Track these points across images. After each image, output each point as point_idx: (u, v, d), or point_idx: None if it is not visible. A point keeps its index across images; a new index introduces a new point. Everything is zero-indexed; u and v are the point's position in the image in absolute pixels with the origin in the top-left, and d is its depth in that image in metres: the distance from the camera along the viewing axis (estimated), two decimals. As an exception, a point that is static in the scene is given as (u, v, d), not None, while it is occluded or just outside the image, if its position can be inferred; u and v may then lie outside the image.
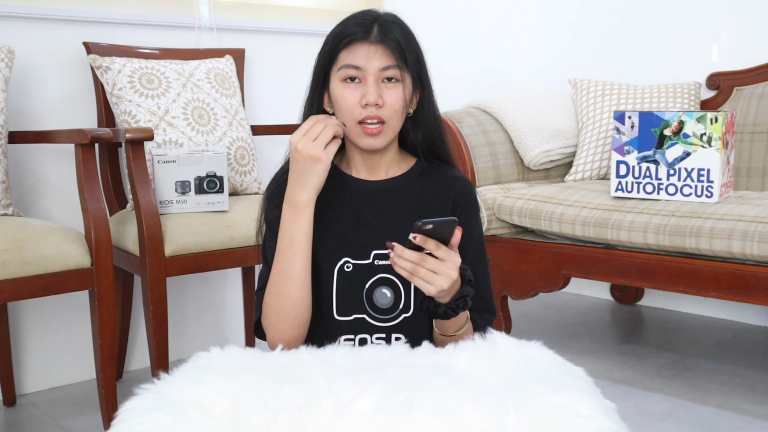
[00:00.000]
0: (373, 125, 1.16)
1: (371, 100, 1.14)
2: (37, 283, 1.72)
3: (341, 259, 1.21)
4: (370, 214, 1.23)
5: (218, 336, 2.61)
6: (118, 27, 2.35)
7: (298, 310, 1.17)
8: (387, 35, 1.16)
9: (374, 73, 1.15)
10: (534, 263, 2.30)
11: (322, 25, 2.79)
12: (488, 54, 3.32)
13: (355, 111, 1.16)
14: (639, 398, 2.05)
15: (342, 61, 1.17)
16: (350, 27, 1.17)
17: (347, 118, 1.17)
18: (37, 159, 2.23)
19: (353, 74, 1.16)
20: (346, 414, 0.82)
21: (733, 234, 1.85)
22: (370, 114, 1.15)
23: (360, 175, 1.26)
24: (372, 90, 1.15)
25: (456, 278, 1.07)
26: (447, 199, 1.25)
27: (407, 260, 1.06)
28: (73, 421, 2.03)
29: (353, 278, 1.21)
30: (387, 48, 1.16)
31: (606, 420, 0.84)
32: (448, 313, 1.12)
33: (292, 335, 1.18)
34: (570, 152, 2.62)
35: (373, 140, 1.18)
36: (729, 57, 2.66)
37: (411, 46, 1.18)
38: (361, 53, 1.15)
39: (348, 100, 1.16)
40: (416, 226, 1.02)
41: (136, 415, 0.86)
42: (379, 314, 1.21)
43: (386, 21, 1.18)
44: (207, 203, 2.02)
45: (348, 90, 1.16)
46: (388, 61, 1.16)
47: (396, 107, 1.17)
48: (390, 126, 1.18)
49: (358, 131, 1.17)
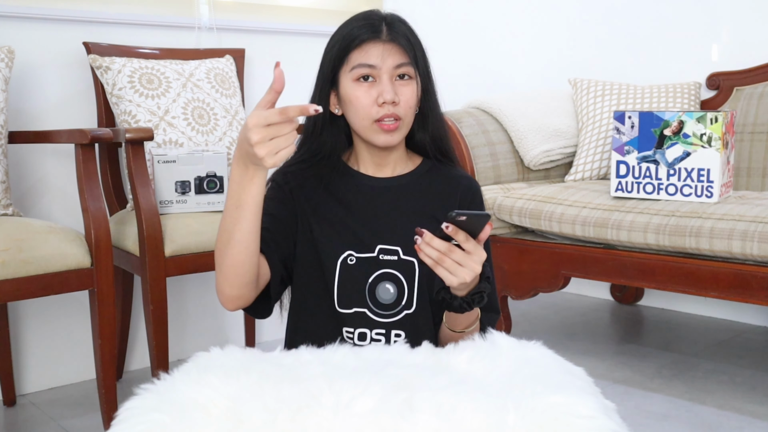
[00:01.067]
0: (390, 122, 1.17)
1: (388, 98, 1.16)
2: (37, 283, 1.72)
3: (345, 251, 1.22)
4: (377, 210, 1.25)
5: (218, 336, 2.61)
6: (118, 27, 2.35)
7: (238, 272, 1.11)
8: (397, 33, 1.18)
9: (388, 71, 1.17)
10: (534, 263, 2.30)
11: (322, 25, 2.79)
12: (488, 54, 3.32)
13: (372, 110, 1.17)
14: (639, 398, 2.05)
15: (354, 61, 1.18)
16: (358, 28, 1.18)
17: (362, 117, 1.18)
18: (37, 159, 2.23)
19: (367, 73, 1.17)
20: (346, 414, 0.82)
21: (733, 234, 1.85)
22: (387, 112, 1.17)
23: (368, 172, 1.27)
24: (388, 88, 1.16)
25: (479, 272, 1.07)
26: (453, 197, 1.27)
27: (435, 249, 1.05)
28: (73, 421, 2.03)
29: (356, 271, 1.22)
30: (399, 46, 1.18)
31: (606, 420, 0.84)
32: (463, 306, 1.12)
33: (232, 293, 1.14)
34: (570, 152, 2.62)
35: (390, 137, 1.19)
36: (729, 57, 2.66)
37: (418, 44, 1.21)
38: (374, 52, 1.17)
39: (362, 100, 1.17)
40: (450, 216, 1.01)
41: (136, 415, 0.86)
42: (380, 309, 1.22)
43: (393, 20, 1.20)
44: (207, 203, 2.02)
45: (362, 89, 1.18)
46: (401, 59, 1.18)
47: (411, 103, 1.19)
48: (405, 122, 1.20)
49: (375, 129, 1.18)
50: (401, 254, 1.22)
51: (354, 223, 1.24)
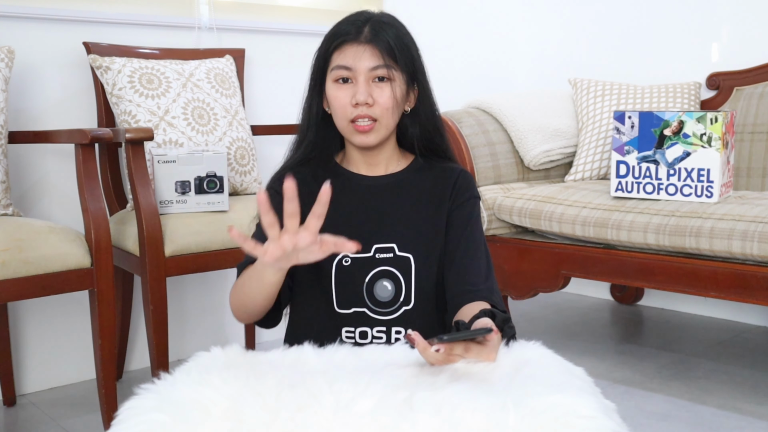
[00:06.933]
0: (363, 123, 1.19)
1: (361, 99, 1.17)
2: (37, 283, 1.72)
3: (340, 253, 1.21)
4: (372, 209, 1.25)
5: (218, 336, 2.61)
6: (118, 27, 2.35)
7: (253, 312, 1.17)
8: (377, 35, 1.18)
9: (364, 73, 1.18)
10: (534, 263, 2.30)
11: (322, 25, 2.77)
12: (488, 54, 3.32)
13: (347, 110, 1.19)
14: (639, 398, 2.05)
15: (334, 62, 1.20)
16: (342, 28, 1.21)
17: (341, 117, 1.21)
18: (37, 159, 2.23)
19: (344, 75, 1.19)
20: (346, 414, 0.82)
21: (733, 234, 1.85)
22: (361, 113, 1.19)
23: (360, 171, 1.28)
24: (362, 89, 1.18)
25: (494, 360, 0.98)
26: (446, 188, 1.27)
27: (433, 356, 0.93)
28: (73, 421, 2.03)
29: (352, 272, 1.22)
30: (376, 48, 1.18)
31: (606, 420, 0.84)
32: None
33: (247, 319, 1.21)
34: (570, 152, 2.62)
35: (365, 137, 1.20)
36: (729, 57, 2.66)
37: (403, 46, 1.20)
38: (350, 54, 1.19)
39: (340, 100, 1.20)
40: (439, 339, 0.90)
41: (136, 415, 0.86)
42: (379, 308, 1.22)
43: (378, 21, 1.20)
44: (207, 203, 2.02)
45: (341, 90, 1.20)
46: (377, 61, 1.18)
47: (387, 105, 1.19)
48: (382, 124, 1.20)
49: (351, 129, 1.21)
50: (396, 251, 1.23)
51: (349, 223, 1.24)
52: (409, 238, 1.23)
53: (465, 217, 1.25)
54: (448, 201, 1.26)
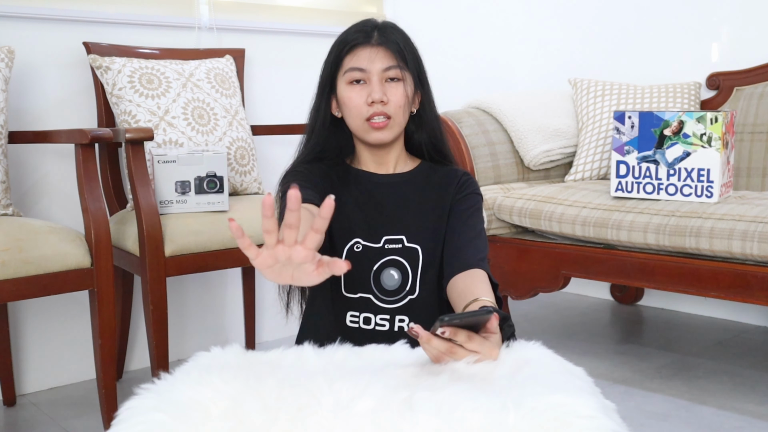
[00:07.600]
0: (379, 120, 1.25)
1: (376, 97, 1.23)
2: (37, 283, 1.72)
3: (352, 239, 1.28)
4: (383, 203, 1.31)
5: (218, 336, 2.61)
6: (118, 27, 2.35)
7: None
8: (387, 39, 1.27)
9: (377, 73, 1.25)
10: (534, 263, 2.30)
11: (323, 25, 2.78)
12: (488, 54, 3.32)
13: (363, 109, 1.25)
14: (639, 398, 2.05)
15: (347, 66, 1.27)
16: (352, 34, 1.28)
17: (355, 116, 1.27)
18: (37, 159, 2.23)
19: (358, 76, 1.26)
20: (346, 414, 0.82)
21: (733, 234, 1.85)
22: (377, 111, 1.25)
23: (370, 170, 1.34)
24: (377, 88, 1.24)
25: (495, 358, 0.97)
26: (450, 186, 1.34)
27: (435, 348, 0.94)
28: (73, 421, 2.03)
29: (362, 258, 1.28)
30: (388, 50, 1.26)
31: (606, 420, 0.84)
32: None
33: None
34: (570, 152, 2.62)
35: (381, 134, 1.26)
36: (729, 57, 2.66)
37: (410, 48, 1.29)
38: (363, 56, 1.26)
39: (355, 100, 1.26)
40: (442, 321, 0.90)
41: (136, 415, 0.86)
42: (384, 295, 1.28)
43: (385, 27, 1.29)
44: (207, 203, 2.02)
45: (354, 91, 1.26)
46: (389, 62, 1.26)
47: (399, 103, 1.26)
48: (396, 121, 1.27)
49: (366, 127, 1.26)
50: (405, 242, 1.29)
51: (361, 214, 1.30)
52: (417, 231, 1.29)
53: (465, 207, 1.31)
54: (452, 197, 1.32)
